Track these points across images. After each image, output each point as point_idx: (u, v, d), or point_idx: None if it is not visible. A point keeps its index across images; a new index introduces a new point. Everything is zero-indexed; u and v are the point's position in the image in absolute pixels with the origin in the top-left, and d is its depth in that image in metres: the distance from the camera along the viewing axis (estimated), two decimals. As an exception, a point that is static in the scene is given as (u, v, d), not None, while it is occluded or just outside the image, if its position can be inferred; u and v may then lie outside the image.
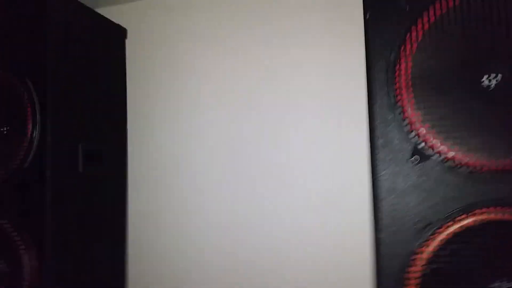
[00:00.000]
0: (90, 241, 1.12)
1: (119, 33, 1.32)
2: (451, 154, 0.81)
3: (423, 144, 0.83)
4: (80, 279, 1.08)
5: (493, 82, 0.80)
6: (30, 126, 0.98)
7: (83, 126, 1.11)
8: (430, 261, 0.83)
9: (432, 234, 0.83)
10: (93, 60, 1.18)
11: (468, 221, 0.81)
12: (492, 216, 0.80)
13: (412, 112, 0.83)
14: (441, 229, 0.83)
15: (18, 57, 1.03)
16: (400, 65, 0.85)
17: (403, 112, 0.84)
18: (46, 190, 0.97)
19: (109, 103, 1.25)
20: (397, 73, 0.85)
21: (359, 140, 1.14)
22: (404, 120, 0.84)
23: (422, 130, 0.83)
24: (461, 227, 0.81)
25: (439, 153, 0.82)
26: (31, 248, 0.95)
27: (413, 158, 0.84)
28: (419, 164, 0.84)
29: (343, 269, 1.16)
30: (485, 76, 0.81)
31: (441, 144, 0.82)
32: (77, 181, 1.07)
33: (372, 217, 0.88)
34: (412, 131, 0.84)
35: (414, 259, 0.84)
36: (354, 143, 1.15)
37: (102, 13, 1.25)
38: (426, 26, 0.83)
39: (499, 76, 0.80)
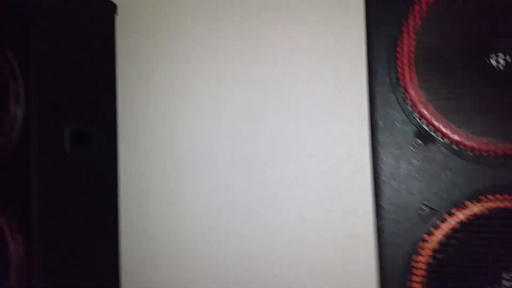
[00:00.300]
0: (81, 226, 1.08)
1: (108, 8, 1.24)
2: (456, 137, 0.75)
3: (426, 126, 0.77)
4: (71, 267, 1.04)
5: (502, 61, 0.73)
6: (12, 103, 0.93)
7: (70, 105, 1.06)
8: (435, 251, 0.78)
9: (437, 222, 0.77)
10: (80, 36, 1.12)
11: (475, 209, 0.75)
12: (502, 203, 0.74)
13: (414, 93, 0.77)
14: (446, 217, 0.77)
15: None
16: (402, 42, 0.78)
17: (405, 92, 0.78)
18: (32, 172, 0.92)
19: (97, 81, 1.19)
20: (399, 51, 0.78)
21: (359, 124, 1.08)
22: (406, 100, 0.78)
23: (425, 112, 0.77)
24: (468, 215, 0.76)
25: (444, 136, 0.76)
26: (17, 234, 0.92)
27: (415, 142, 0.78)
28: (423, 148, 0.78)
29: (346, 258, 1.11)
30: (494, 55, 0.74)
31: (446, 127, 0.76)
32: (64, 163, 1.03)
33: (373, 204, 0.83)
34: (414, 113, 0.78)
35: (418, 249, 0.79)
36: (354, 126, 1.09)
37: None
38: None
39: (509, 55, 0.73)
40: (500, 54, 0.73)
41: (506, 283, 0.74)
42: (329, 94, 1.13)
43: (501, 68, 0.72)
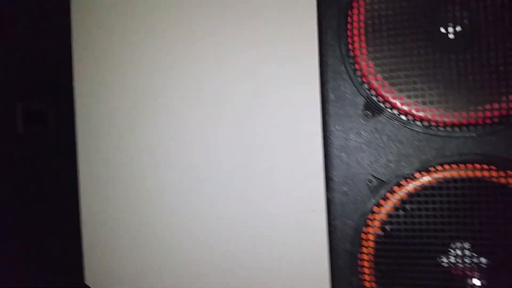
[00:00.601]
0: (37, 214, 1.00)
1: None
2: (405, 107, 0.71)
3: (375, 97, 0.72)
4: (27, 259, 0.96)
5: (453, 30, 0.69)
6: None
7: (22, 83, 0.97)
8: (384, 223, 0.74)
9: (385, 194, 0.73)
10: (31, 10, 1.03)
11: (424, 179, 0.71)
12: (450, 173, 0.70)
13: (364, 63, 0.72)
14: (395, 189, 0.73)
15: None
16: (353, 11, 0.73)
17: (355, 63, 0.73)
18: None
19: (51, 58, 1.09)
20: (349, 21, 0.73)
21: (311, 95, 1.02)
22: (356, 72, 0.73)
23: (375, 82, 0.72)
24: (416, 186, 0.72)
25: (393, 106, 0.72)
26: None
27: (364, 113, 0.73)
28: (372, 119, 0.73)
29: (297, 231, 1.06)
30: (445, 24, 0.69)
31: (395, 97, 0.71)
32: (17, 145, 0.94)
33: (324, 177, 0.78)
34: (364, 84, 0.73)
35: (368, 220, 0.74)
36: (306, 98, 1.03)
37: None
38: (380, -34, 0.71)
39: (460, 23, 0.68)
40: (452, 22, 0.69)
41: (453, 253, 0.70)
42: (280, 67, 1.06)
43: (451, 36, 0.68)
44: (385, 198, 0.73)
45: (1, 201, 0.89)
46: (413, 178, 0.72)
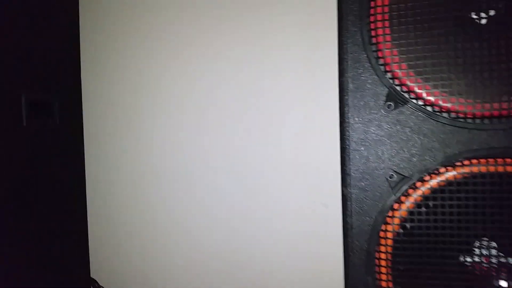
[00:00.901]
0: (42, 208, 0.92)
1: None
2: (431, 98, 0.64)
3: (399, 87, 0.66)
4: (30, 256, 0.88)
5: (486, 15, 0.62)
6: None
7: (27, 74, 0.89)
8: (404, 220, 0.67)
9: (407, 190, 0.67)
10: (37, 5, 0.94)
11: (449, 174, 0.65)
12: (477, 168, 0.64)
13: (388, 51, 0.65)
14: (418, 184, 0.66)
15: None
16: (376, -5, 0.66)
17: (377, 50, 0.66)
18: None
19: (58, 50, 1.01)
20: (372, 5, 0.66)
21: (329, 85, 0.95)
22: (378, 60, 0.66)
23: (399, 71, 0.65)
24: (441, 181, 0.65)
25: (418, 97, 0.65)
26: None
27: (387, 104, 0.66)
28: (395, 111, 0.66)
29: (312, 228, 1.00)
30: (477, 8, 0.62)
31: (420, 87, 0.64)
32: (22, 136, 0.86)
33: (341, 172, 0.71)
34: (387, 72, 0.66)
35: (387, 218, 0.68)
36: (324, 88, 0.96)
37: None
38: None
39: (493, 7, 0.62)
40: (483, 8, 0.62)
41: (478, 252, 0.64)
42: (297, 55, 0.99)
43: (483, 22, 0.61)
44: (407, 194, 0.67)
45: (4, 195, 0.82)
46: (438, 173, 0.65)
